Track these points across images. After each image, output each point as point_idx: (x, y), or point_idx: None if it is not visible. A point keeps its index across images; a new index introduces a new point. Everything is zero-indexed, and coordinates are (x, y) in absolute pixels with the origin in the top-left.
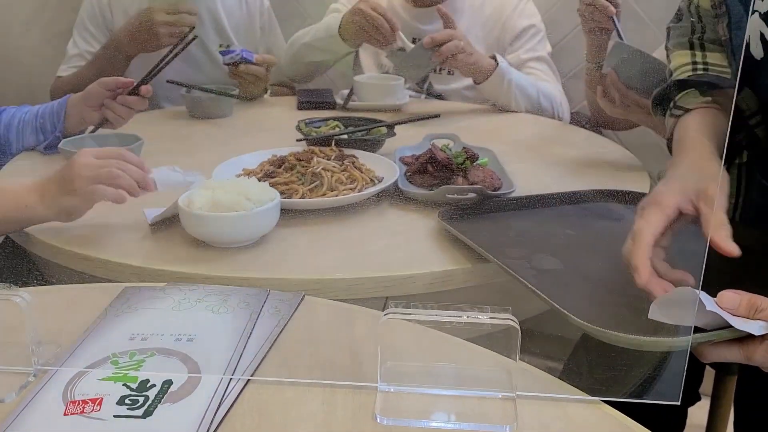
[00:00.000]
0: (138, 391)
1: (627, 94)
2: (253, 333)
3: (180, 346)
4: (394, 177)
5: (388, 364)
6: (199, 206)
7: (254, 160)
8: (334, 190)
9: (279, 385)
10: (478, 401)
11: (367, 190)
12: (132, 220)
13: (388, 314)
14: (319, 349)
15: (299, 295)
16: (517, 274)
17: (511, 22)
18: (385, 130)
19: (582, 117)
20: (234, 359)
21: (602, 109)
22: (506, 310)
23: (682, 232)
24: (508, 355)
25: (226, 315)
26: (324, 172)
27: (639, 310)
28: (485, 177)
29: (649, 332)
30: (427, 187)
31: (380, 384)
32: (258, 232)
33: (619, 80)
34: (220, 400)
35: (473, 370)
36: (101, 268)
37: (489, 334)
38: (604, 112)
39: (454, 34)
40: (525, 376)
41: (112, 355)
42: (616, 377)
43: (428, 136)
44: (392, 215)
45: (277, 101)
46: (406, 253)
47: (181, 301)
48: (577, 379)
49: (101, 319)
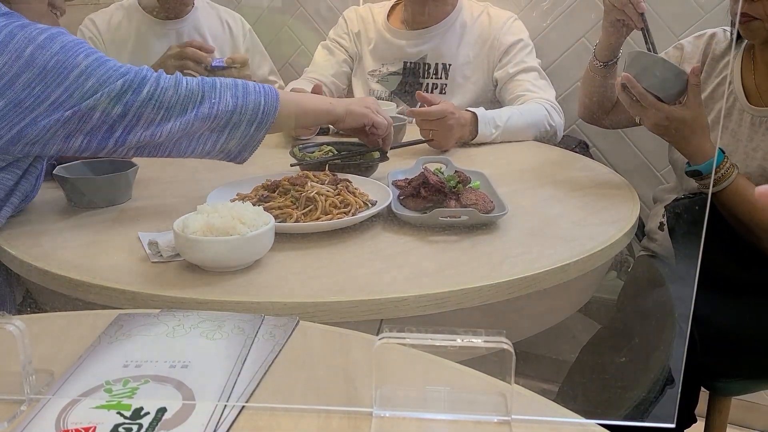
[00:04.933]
0: (132, 419)
1: (649, 101)
2: (248, 359)
3: (174, 372)
4: (387, 201)
5: (383, 388)
6: (193, 230)
7: (248, 184)
8: (328, 214)
9: (274, 412)
10: (474, 425)
11: (361, 214)
12: (126, 243)
13: (383, 338)
14: (314, 374)
15: (294, 320)
16: None
17: (499, 39)
18: (378, 155)
19: (572, 140)
20: (229, 385)
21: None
22: (500, 333)
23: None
24: (502, 378)
25: (221, 341)
26: (318, 197)
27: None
28: (477, 200)
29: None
30: (420, 211)
31: (375, 409)
32: (252, 257)
33: (641, 87)
34: (215, 427)
35: (468, 394)
36: (95, 293)
37: (483, 357)
38: (594, 111)
39: (445, 110)
40: (520, 399)
41: (106, 383)
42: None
43: (421, 159)
44: (386, 238)
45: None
46: (399, 276)
47: (176, 327)
48: (572, 402)
49: (95, 346)
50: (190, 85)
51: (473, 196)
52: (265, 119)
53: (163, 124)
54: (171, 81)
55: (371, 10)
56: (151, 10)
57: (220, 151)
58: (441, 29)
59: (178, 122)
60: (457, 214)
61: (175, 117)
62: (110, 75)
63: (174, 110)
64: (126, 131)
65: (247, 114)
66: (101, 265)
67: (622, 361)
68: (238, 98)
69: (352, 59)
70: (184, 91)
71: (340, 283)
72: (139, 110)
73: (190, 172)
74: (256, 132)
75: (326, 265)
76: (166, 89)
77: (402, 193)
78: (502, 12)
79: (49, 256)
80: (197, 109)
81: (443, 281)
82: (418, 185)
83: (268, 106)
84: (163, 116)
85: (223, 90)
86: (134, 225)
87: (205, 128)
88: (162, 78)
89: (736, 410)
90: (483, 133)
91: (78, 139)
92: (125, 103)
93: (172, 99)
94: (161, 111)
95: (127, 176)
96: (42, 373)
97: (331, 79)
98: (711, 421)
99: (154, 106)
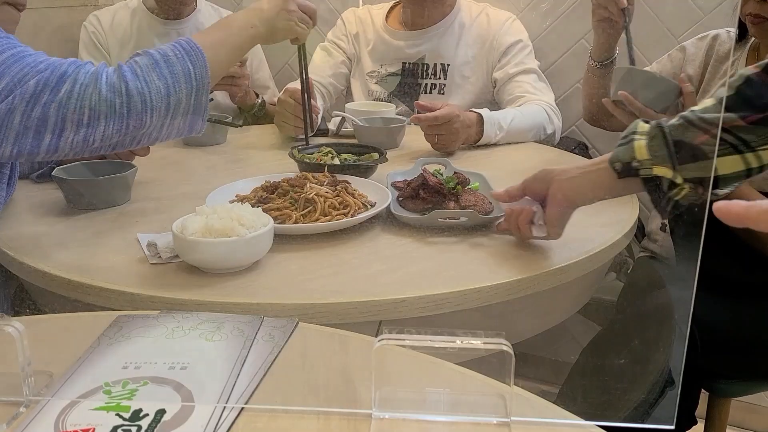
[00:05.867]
0: (131, 420)
1: (651, 115)
2: (247, 360)
3: (173, 374)
4: (386, 202)
5: (383, 390)
6: (192, 232)
7: (247, 186)
8: (327, 216)
9: (273, 413)
10: (474, 427)
11: (360, 215)
12: (125, 245)
13: (382, 340)
14: (314, 375)
15: (293, 321)
16: None
17: (498, 39)
18: (377, 156)
19: (571, 142)
20: (228, 387)
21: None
22: (500, 334)
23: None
24: (502, 379)
25: (220, 342)
26: (317, 198)
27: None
28: (477, 201)
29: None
30: (419, 212)
31: (375, 411)
32: (251, 258)
33: (639, 104)
34: (213, 428)
35: (468, 395)
36: (94, 295)
37: (483, 359)
38: (594, 112)
39: (451, 113)
40: (519, 401)
41: (105, 384)
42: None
43: (420, 161)
44: (385, 240)
45: (270, 128)
46: (398, 278)
47: (175, 329)
48: (572, 403)
49: (94, 347)
50: (110, 78)
51: (472, 197)
52: (201, 83)
53: (94, 127)
54: (90, 77)
55: (370, 12)
56: (154, 9)
57: (169, 134)
58: (439, 30)
59: (111, 123)
60: (456, 216)
61: (104, 117)
62: (26, 73)
63: (100, 109)
64: (55, 136)
65: (182, 88)
66: (100, 267)
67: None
68: (166, 77)
69: (351, 61)
70: (104, 86)
71: (339, 285)
72: (60, 112)
73: (190, 173)
74: (197, 100)
75: (325, 266)
76: (86, 86)
77: (401, 195)
78: (501, 12)
79: (49, 257)
80: (127, 105)
81: (442, 282)
82: (417, 186)
83: (198, 68)
84: (90, 117)
85: (147, 73)
86: (133, 226)
87: (146, 122)
88: (81, 73)
89: (736, 412)
90: (488, 134)
91: (7, 146)
92: (43, 105)
93: (93, 97)
94: (86, 111)
95: (126, 177)
96: (41, 374)
97: (329, 80)
98: (711, 423)
99: (75, 106)
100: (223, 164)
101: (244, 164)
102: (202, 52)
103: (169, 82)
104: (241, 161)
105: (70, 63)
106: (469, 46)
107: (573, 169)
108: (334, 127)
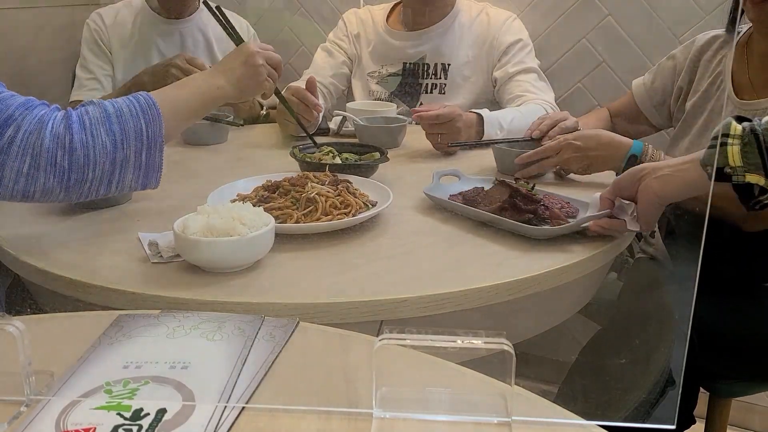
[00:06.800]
0: (132, 420)
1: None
2: (248, 360)
3: (174, 373)
4: (387, 202)
5: (384, 390)
6: (193, 231)
7: (249, 185)
8: (328, 215)
9: (274, 413)
10: (474, 427)
11: (361, 215)
12: (126, 244)
13: (383, 339)
14: (314, 375)
15: (294, 321)
16: None
17: (498, 39)
18: (378, 156)
19: None
20: (229, 387)
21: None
22: (500, 334)
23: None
24: (502, 379)
25: (221, 342)
26: (318, 197)
27: None
28: (561, 203)
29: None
30: (522, 221)
31: (375, 410)
32: (252, 257)
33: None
34: (214, 428)
35: (468, 395)
36: (95, 294)
37: (483, 358)
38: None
39: (453, 112)
40: (520, 400)
41: (106, 384)
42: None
43: (437, 173)
44: (386, 240)
45: (272, 127)
46: (399, 277)
47: (176, 328)
48: (572, 403)
49: (95, 347)
50: (56, 127)
51: (555, 201)
52: (153, 141)
53: (34, 178)
54: (36, 124)
55: (371, 12)
56: (156, 8)
57: (121, 188)
58: (440, 30)
59: (52, 176)
60: (585, 221)
61: (43, 169)
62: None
63: (40, 160)
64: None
65: (131, 145)
66: (101, 266)
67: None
68: (115, 133)
69: (352, 61)
70: (48, 136)
71: (340, 284)
72: (0, 158)
73: (191, 173)
74: (149, 158)
75: (326, 266)
76: (29, 133)
77: (495, 209)
78: (501, 11)
79: (49, 256)
80: (68, 158)
81: (443, 282)
82: (510, 197)
83: (152, 127)
84: (31, 166)
85: (95, 126)
86: (134, 226)
87: (88, 176)
88: (27, 120)
89: (736, 412)
90: (489, 134)
91: None
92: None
93: (36, 146)
94: (26, 160)
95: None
96: (42, 374)
97: (330, 80)
98: (711, 423)
99: (17, 153)
100: (225, 163)
101: (246, 163)
102: (159, 111)
103: (117, 138)
104: (242, 160)
105: (18, 105)
106: (469, 46)
107: (663, 167)
108: (335, 126)
